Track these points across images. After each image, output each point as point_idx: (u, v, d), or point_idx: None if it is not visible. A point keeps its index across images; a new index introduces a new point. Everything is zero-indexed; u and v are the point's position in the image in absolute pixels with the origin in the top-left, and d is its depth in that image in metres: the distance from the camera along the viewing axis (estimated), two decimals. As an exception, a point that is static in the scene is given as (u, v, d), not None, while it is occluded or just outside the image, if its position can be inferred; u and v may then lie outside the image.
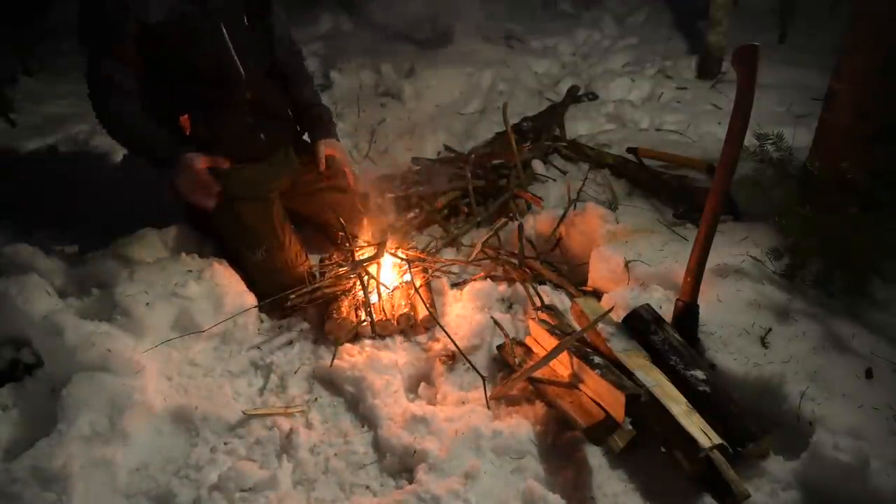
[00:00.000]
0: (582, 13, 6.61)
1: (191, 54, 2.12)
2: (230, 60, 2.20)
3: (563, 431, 1.81)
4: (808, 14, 5.54)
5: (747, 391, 1.81)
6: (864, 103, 2.20)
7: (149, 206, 3.04)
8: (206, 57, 2.15)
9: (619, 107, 4.31)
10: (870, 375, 1.80)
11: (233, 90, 2.25)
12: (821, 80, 2.56)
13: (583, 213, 2.66)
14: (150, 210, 3.01)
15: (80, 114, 4.35)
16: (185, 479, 1.73)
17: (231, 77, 2.22)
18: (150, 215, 2.91)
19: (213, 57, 2.17)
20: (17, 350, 2.01)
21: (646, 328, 1.93)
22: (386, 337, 2.24)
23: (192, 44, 2.11)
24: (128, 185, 3.21)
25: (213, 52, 2.16)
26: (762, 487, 1.61)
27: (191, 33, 2.09)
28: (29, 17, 5.75)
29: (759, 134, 2.37)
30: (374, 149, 3.77)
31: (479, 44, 5.69)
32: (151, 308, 2.07)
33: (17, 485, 1.60)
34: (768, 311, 2.03)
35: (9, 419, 1.85)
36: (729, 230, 2.40)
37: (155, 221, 2.58)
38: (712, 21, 4.82)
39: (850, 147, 2.23)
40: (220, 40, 2.16)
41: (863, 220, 2.04)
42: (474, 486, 1.63)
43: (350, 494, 1.72)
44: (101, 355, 1.88)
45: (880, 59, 2.15)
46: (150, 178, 3.22)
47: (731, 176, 1.79)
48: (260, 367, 2.14)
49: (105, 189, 3.28)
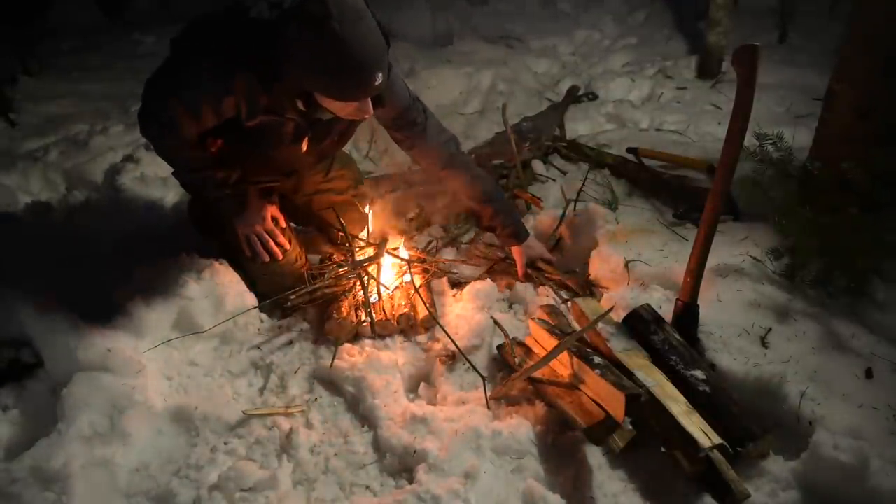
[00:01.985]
0: (582, 13, 6.61)
1: (265, 148, 2.04)
2: (301, 159, 2.17)
3: (563, 431, 1.81)
4: (808, 14, 5.54)
5: (747, 391, 1.81)
6: (864, 103, 2.20)
7: (149, 206, 3.05)
8: (280, 154, 2.08)
9: (619, 107, 4.31)
10: (870, 375, 1.80)
11: (289, 172, 2.28)
12: (821, 80, 2.57)
13: (583, 213, 2.66)
14: (151, 210, 3.02)
15: (80, 114, 4.36)
16: (185, 479, 1.73)
17: (295, 167, 2.25)
18: (151, 215, 2.92)
19: (288, 158, 2.13)
20: (17, 350, 2.00)
21: (646, 328, 1.93)
22: (386, 337, 2.24)
23: (271, 143, 2.02)
24: (127, 185, 3.21)
25: (289, 157, 2.12)
26: (762, 487, 1.61)
27: (276, 138, 1.99)
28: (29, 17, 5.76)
29: (759, 134, 2.37)
30: (374, 149, 3.77)
31: (479, 44, 5.69)
32: (151, 308, 2.07)
33: (17, 485, 1.60)
34: (768, 311, 2.03)
35: (9, 419, 1.85)
36: (729, 230, 2.40)
37: (155, 221, 2.58)
38: (712, 21, 4.82)
39: (850, 147, 2.23)
40: (298, 146, 2.07)
41: (863, 220, 2.04)
42: (474, 486, 1.63)
43: (350, 494, 1.72)
44: (101, 355, 1.88)
45: (880, 59, 2.15)
46: (150, 179, 3.24)
47: (731, 176, 1.79)
48: (260, 367, 2.13)
49: (105, 189, 3.28)
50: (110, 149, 3.69)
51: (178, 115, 1.88)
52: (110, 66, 5.30)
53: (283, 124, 1.95)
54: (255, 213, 2.21)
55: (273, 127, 1.94)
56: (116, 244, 2.38)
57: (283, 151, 2.07)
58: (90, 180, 3.39)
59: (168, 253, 2.41)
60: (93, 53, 5.68)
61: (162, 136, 2.03)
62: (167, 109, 1.88)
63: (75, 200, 3.16)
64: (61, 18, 5.92)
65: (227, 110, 1.87)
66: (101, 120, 4.22)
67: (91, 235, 2.57)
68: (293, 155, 2.13)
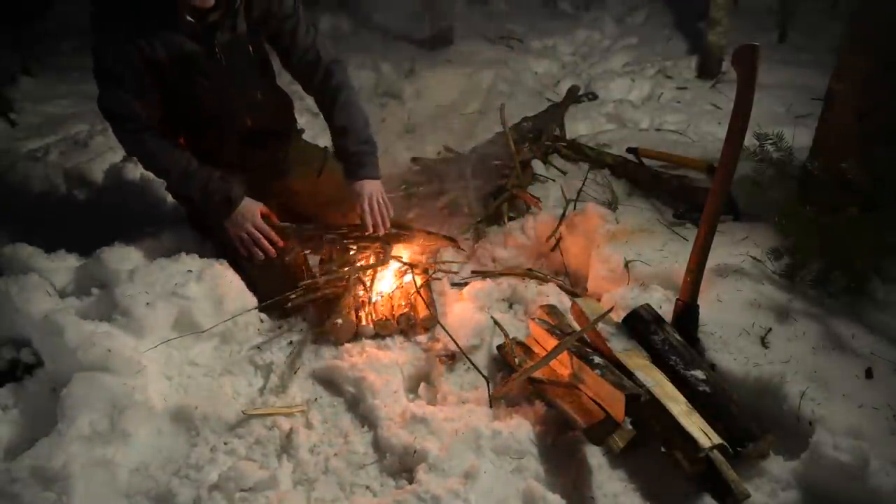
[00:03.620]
0: (582, 13, 6.62)
1: (191, 88, 2.14)
2: (229, 94, 2.21)
3: (563, 431, 1.81)
4: (808, 14, 5.55)
5: (747, 391, 1.81)
6: (864, 103, 2.20)
7: (149, 206, 3.05)
8: (206, 91, 2.16)
9: (619, 107, 4.31)
10: (870, 375, 1.80)
11: (232, 119, 2.28)
12: (821, 80, 2.57)
13: (583, 213, 2.66)
14: (151, 210, 3.02)
15: (80, 114, 4.36)
16: (185, 479, 1.73)
17: (230, 108, 2.25)
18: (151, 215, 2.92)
19: (214, 90, 2.17)
20: (17, 350, 2.00)
21: (646, 328, 1.93)
22: (386, 337, 2.24)
23: (193, 79, 2.12)
24: (127, 185, 3.21)
25: (214, 87, 2.16)
26: (762, 487, 1.62)
27: (193, 70, 2.11)
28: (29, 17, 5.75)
29: (759, 134, 2.37)
30: (373, 149, 3.76)
31: (479, 44, 5.70)
32: (151, 308, 2.07)
33: (17, 485, 1.59)
34: (768, 311, 2.03)
35: (9, 419, 1.85)
36: (729, 230, 2.40)
37: (155, 221, 2.58)
38: (712, 21, 4.82)
39: (850, 147, 2.23)
40: (221, 76, 2.16)
41: (863, 220, 2.04)
42: (474, 486, 1.63)
43: (350, 494, 1.72)
44: (102, 355, 1.88)
45: (880, 59, 2.15)
46: (150, 178, 3.24)
47: (731, 176, 1.79)
48: (260, 367, 2.13)
49: (105, 189, 3.28)
50: (110, 149, 3.68)
51: (116, 84, 2.04)
52: (110, 66, 5.30)
53: (193, 52, 2.06)
54: (245, 212, 2.23)
55: (184, 57, 2.06)
56: (116, 244, 2.37)
57: (215, 86, 2.15)
58: (90, 180, 3.39)
59: (168, 253, 2.41)
60: (93, 53, 5.68)
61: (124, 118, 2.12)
62: (109, 89, 2.07)
63: (75, 200, 3.16)
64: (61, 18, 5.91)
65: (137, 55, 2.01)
66: (101, 120, 4.16)
67: (91, 235, 2.57)
68: (228, 94, 2.20)
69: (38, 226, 2.86)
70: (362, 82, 4.93)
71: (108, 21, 2.00)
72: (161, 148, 2.19)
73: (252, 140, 2.36)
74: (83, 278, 2.27)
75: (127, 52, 2.00)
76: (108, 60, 2.03)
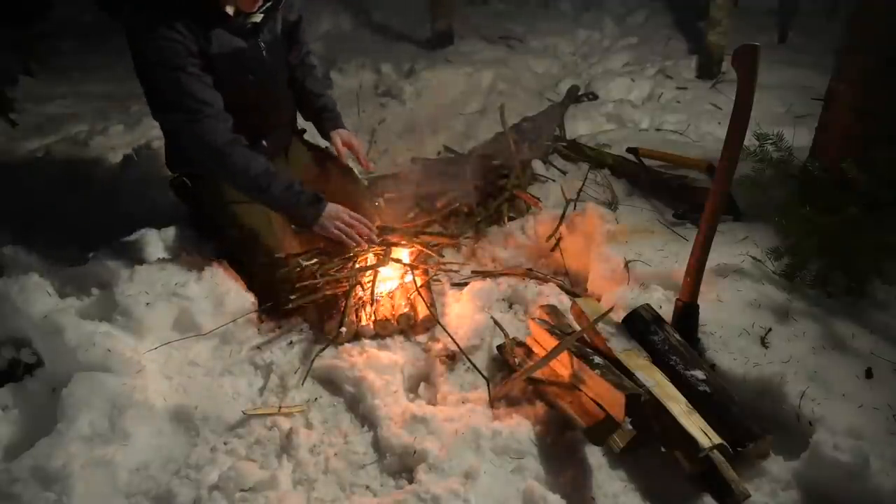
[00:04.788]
0: (582, 13, 6.62)
1: (240, 83, 2.22)
2: (272, 89, 2.39)
3: (563, 431, 1.81)
4: (808, 14, 5.55)
5: (747, 391, 1.81)
6: (864, 103, 2.21)
7: (149, 206, 3.05)
8: (253, 86, 2.27)
9: (619, 107, 4.31)
10: (870, 375, 1.80)
11: (273, 112, 2.44)
12: (821, 80, 2.57)
13: (583, 213, 2.66)
14: (150, 210, 3.02)
15: (80, 114, 4.37)
16: (185, 479, 1.72)
17: (274, 100, 2.42)
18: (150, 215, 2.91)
19: (260, 84, 2.30)
20: (17, 350, 2.01)
21: (646, 328, 1.93)
22: (386, 337, 2.24)
23: (242, 75, 2.23)
24: (127, 185, 3.21)
25: (260, 81, 2.29)
26: (762, 487, 1.61)
27: (243, 66, 2.22)
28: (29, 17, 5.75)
29: (759, 134, 2.37)
30: (374, 149, 3.77)
31: (479, 44, 5.70)
32: (151, 308, 2.07)
33: (17, 485, 1.60)
34: (768, 311, 2.03)
35: (9, 419, 1.85)
36: (729, 230, 2.40)
37: (155, 221, 2.58)
38: (712, 21, 4.82)
39: (850, 147, 2.23)
40: (265, 73, 2.30)
41: (863, 220, 2.04)
42: (474, 486, 1.63)
43: (350, 494, 1.72)
44: (102, 355, 1.88)
45: (880, 59, 2.15)
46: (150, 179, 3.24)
47: (731, 176, 1.79)
48: (260, 367, 2.13)
49: (105, 189, 3.28)
50: (110, 149, 3.69)
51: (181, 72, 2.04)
52: (110, 66, 5.30)
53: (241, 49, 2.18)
54: (331, 207, 2.26)
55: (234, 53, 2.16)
56: (116, 244, 2.37)
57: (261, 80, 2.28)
58: (90, 180, 3.39)
59: (168, 253, 2.41)
60: (93, 53, 5.69)
61: (201, 104, 2.09)
62: (171, 81, 2.05)
63: (75, 200, 3.16)
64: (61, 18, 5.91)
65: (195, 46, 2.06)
66: (101, 120, 4.22)
67: (91, 235, 2.57)
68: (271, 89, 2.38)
69: (38, 226, 2.86)
70: (362, 82, 4.93)
71: (159, 18, 2.00)
72: (237, 140, 2.16)
73: (278, 135, 2.49)
74: (83, 278, 2.27)
75: (186, 43, 2.03)
76: (167, 52, 2.02)
